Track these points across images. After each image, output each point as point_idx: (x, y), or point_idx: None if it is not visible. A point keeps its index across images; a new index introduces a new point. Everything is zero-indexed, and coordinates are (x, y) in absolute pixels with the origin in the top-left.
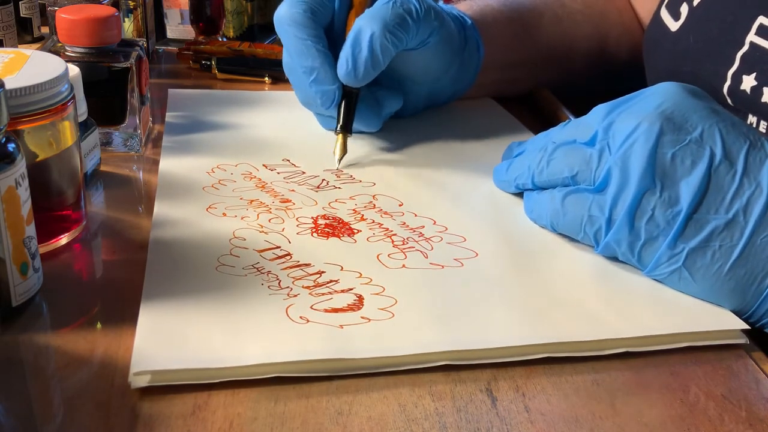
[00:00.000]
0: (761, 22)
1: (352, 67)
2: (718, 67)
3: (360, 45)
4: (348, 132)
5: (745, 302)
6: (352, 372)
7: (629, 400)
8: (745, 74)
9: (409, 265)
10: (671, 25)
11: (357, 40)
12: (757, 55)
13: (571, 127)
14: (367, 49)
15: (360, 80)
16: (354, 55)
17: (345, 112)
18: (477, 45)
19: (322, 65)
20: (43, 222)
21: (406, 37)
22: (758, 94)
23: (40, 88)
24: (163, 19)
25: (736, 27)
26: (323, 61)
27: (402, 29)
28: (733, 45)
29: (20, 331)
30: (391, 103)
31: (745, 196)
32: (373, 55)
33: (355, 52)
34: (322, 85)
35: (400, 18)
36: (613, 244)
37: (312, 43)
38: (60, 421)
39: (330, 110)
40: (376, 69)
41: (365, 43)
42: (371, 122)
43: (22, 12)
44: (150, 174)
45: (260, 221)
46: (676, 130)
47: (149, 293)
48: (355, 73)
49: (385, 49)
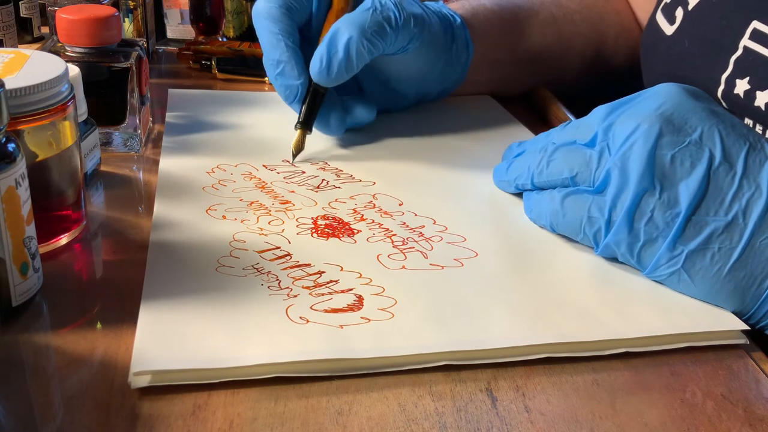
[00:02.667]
0: (755, 26)
1: (325, 66)
2: (712, 72)
3: (336, 47)
4: (307, 129)
5: (745, 304)
6: (352, 372)
7: (629, 400)
8: (739, 78)
9: (409, 266)
10: (666, 29)
11: (333, 41)
12: (750, 60)
13: (572, 128)
14: (343, 52)
15: (332, 80)
16: (329, 56)
17: (308, 109)
18: (466, 43)
19: (288, 60)
20: (43, 222)
21: (382, 44)
22: (751, 98)
23: (40, 88)
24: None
25: (729, 31)
26: (290, 56)
27: (379, 37)
28: (727, 49)
29: (20, 331)
30: (362, 114)
31: (745, 197)
32: (348, 59)
33: (330, 53)
34: (287, 80)
35: (378, 26)
36: (613, 245)
37: (282, 38)
38: (60, 421)
39: (293, 105)
40: (348, 72)
41: (341, 45)
42: (332, 127)
43: (22, 12)
44: (150, 174)
45: (260, 224)
46: (675, 132)
47: (149, 293)
48: (328, 72)
49: (360, 54)
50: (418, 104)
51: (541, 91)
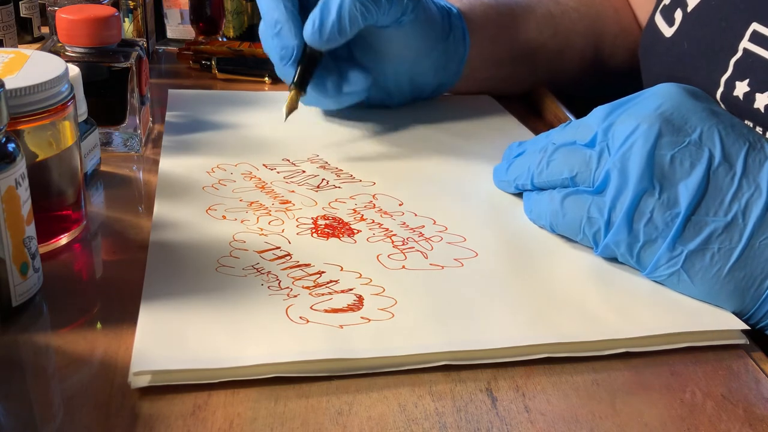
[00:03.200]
0: (754, 28)
1: (318, 28)
2: (711, 74)
3: (329, 8)
4: (302, 90)
5: (745, 304)
6: (352, 372)
7: (629, 400)
8: (738, 80)
9: (409, 266)
10: (666, 31)
11: (327, 4)
12: (750, 62)
13: (572, 128)
14: (336, 14)
15: (324, 43)
16: (322, 18)
17: (302, 69)
18: (463, 34)
19: (286, 21)
20: (43, 222)
21: (376, 10)
22: (751, 101)
23: (40, 88)
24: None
25: (729, 33)
26: (288, 18)
27: (373, 3)
28: (726, 51)
29: (20, 331)
30: (357, 80)
31: (744, 197)
32: (341, 21)
33: (323, 15)
34: (283, 40)
35: None
36: (612, 245)
37: (281, 0)
38: (60, 421)
39: (287, 67)
40: (342, 36)
41: (334, 7)
42: (328, 92)
43: (22, 12)
44: (150, 174)
45: (260, 224)
46: (675, 132)
47: (149, 293)
48: (320, 34)
49: (353, 17)
50: (415, 100)
51: (541, 91)
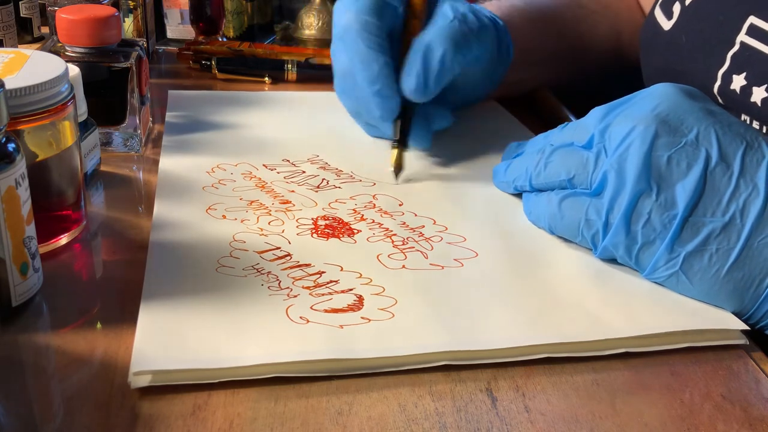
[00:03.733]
0: (751, 21)
1: (422, 83)
2: (709, 67)
3: (430, 62)
4: (405, 147)
5: (744, 304)
6: (352, 372)
7: (629, 400)
8: (735, 74)
9: (409, 266)
10: (664, 24)
11: (427, 57)
12: (747, 55)
13: (569, 130)
14: (438, 67)
15: (428, 97)
16: (425, 73)
17: (403, 126)
18: (508, 48)
19: (386, 78)
20: (43, 222)
21: (469, 54)
22: (747, 94)
23: (40, 88)
24: (163, 19)
25: (726, 26)
26: (388, 74)
27: (467, 47)
28: (723, 44)
29: (20, 331)
30: (441, 120)
31: (742, 197)
32: (442, 74)
33: (426, 69)
34: (386, 100)
35: (465, 36)
36: (611, 247)
37: (381, 54)
38: (60, 421)
39: (387, 123)
40: (441, 86)
41: (436, 61)
42: (423, 138)
43: (22, 12)
44: (150, 174)
45: (260, 224)
46: (671, 133)
47: (149, 293)
48: (425, 89)
49: (452, 67)
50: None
51: (542, 92)
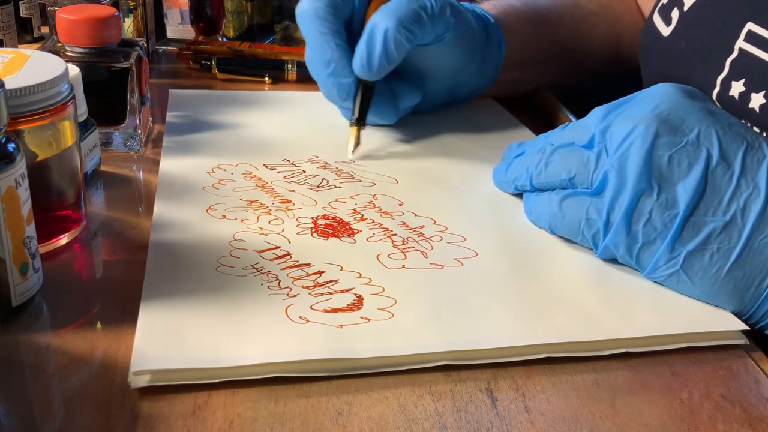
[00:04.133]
0: (750, 28)
1: (366, 61)
2: (708, 73)
3: (374, 40)
4: (362, 124)
5: (744, 304)
6: (351, 372)
7: (629, 400)
8: (734, 80)
9: (408, 266)
10: (663, 30)
11: (372, 35)
12: (745, 61)
13: (570, 130)
14: (381, 44)
15: (374, 74)
16: (369, 50)
17: (359, 104)
18: (499, 43)
19: (339, 59)
20: (43, 222)
21: (420, 32)
22: (746, 100)
23: (40, 88)
24: (163, 19)
25: (725, 33)
26: (341, 55)
27: (417, 25)
28: (722, 51)
29: (20, 331)
30: (409, 97)
31: (743, 197)
32: (387, 50)
33: (369, 47)
34: (339, 78)
35: (414, 14)
36: (612, 246)
37: (331, 37)
38: (60, 421)
39: (347, 102)
40: (390, 63)
41: (379, 38)
42: (387, 115)
43: (22, 12)
44: (150, 174)
45: (260, 224)
46: (672, 133)
47: (149, 293)
48: (369, 66)
49: (399, 44)
50: (449, 105)
51: (542, 92)
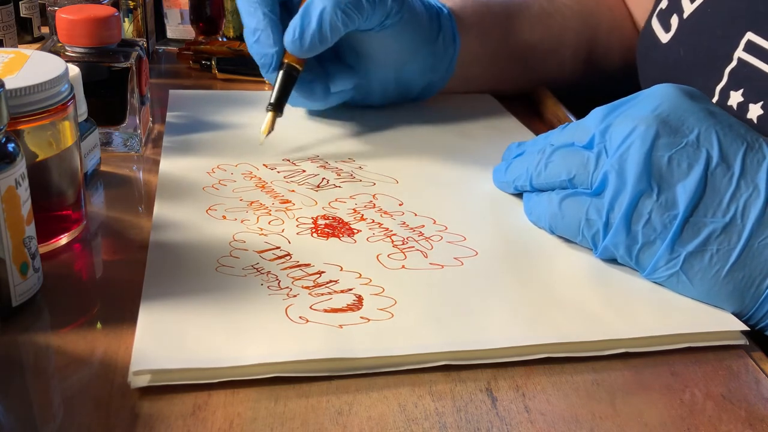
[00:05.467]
0: (749, 38)
1: (298, 36)
2: (707, 82)
3: (309, 17)
4: (279, 111)
5: (744, 305)
6: (351, 372)
7: (629, 400)
8: (733, 90)
9: (408, 266)
10: (662, 37)
11: (307, 11)
12: (744, 72)
13: (570, 130)
14: (316, 23)
15: (305, 51)
16: (302, 26)
17: (280, 89)
18: (453, 35)
19: (264, 28)
20: (43, 222)
21: (358, 17)
22: (744, 111)
23: (40, 88)
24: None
25: (724, 42)
26: (267, 25)
27: (355, 9)
28: (721, 60)
29: (20, 331)
30: (342, 80)
31: (743, 198)
32: (321, 30)
33: (303, 23)
34: (262, 48)
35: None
36: (611, 247)
37: (259, 6)
38: (60, 421)
39: (268, 75)
40: (322, 44)
41: (315, 16)
42: (316, 96)
43: (22, 12)
44: (150, 174)
45: (260, 224)
46: (672, 133)
47: (149, 293)
48: (301, 43)
49: (334, 25)
50: (403, 100)
51: (542, 91)
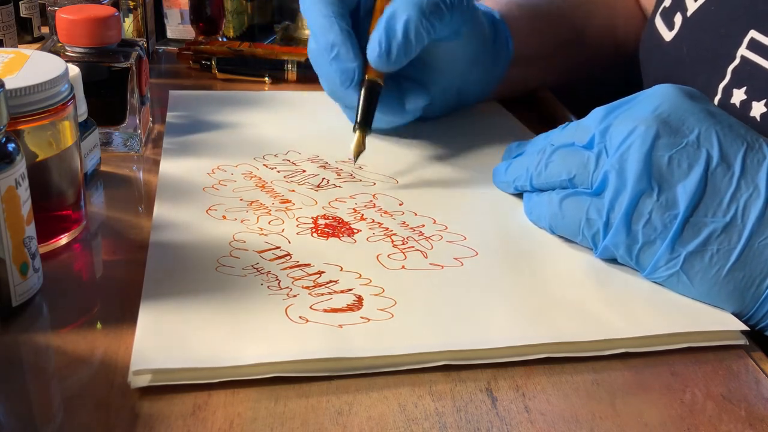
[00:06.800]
0: (752, 36)
1: (384, 50)
2: (710, 80)
3: (394, 29)
4: (366, 128)
5: (744, 305)
6: (351, 372)
7: (629, 400)
8: (736, 88)
9: (408, 266)
10: (665, 35)
11: (391, 23)
12: (747, 69)
13: (570, 130)
14: (402, 34)
15: (391, 65)
16: (388, 39)
17: (365, 107)
18: (506, 40)
19: (343, 42)
20: (43, 222)
21: (440, 24)
22: (747, 109)
23: (40, 88)
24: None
25: (727, 40)
26: (345, 39)
27: (437, 16)
28: (724, 58)
29: (20, 331)
30: (417, 97)
31: (743, 198)
32: (407, 41)
33: (388, 36)
34: (343, 63)
35: (434, 5)
36: (611, 247)
37: (335, 20)
38: (60, 421)
39: (349, 90)
40: (408, 55)
41: (399, 27)
42: (394, 115)
43: (22, 12)
44: (150, 174)
45: (260, 224)
46: (672, 133)
47: (149, 293)
48: (388, 57)
49: (419, 35)
50: (459, 108)
51: (542, 92)
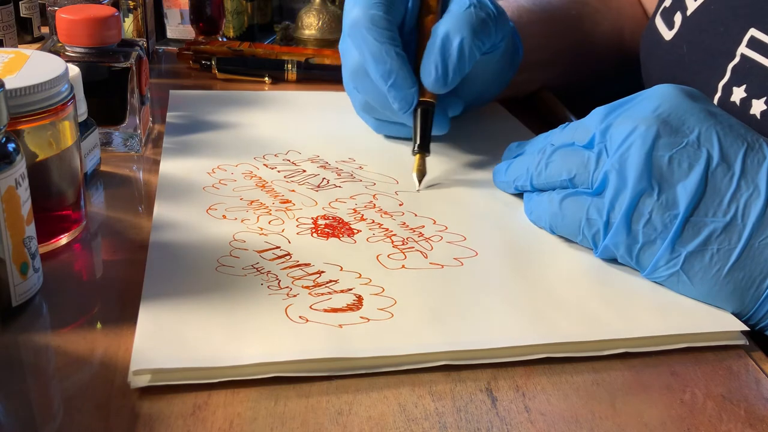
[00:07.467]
0: (752, 34)
1: (441, 74)
2: (709, 79)
3: (449, 51)
4: (426, 151)
5: (744, 305)
6: (351, 371)
7: (629, 400)
8: (736, 86)
9: (408, 266)
10: (665, 34)
11: (445, 46)
12: (747, 67)
13: (570, 130)
14: (457, 55)
15: (448, 87)
16: (444, 63)
17: (423, 129)
18: (517, 47)
19: (400, 69)
20: (43, 222)
21: (488, 41)
22: (747, 106)
23: (40, 88)
24: (163, 19)
25: (727, 38)
26: (401, 65)
27: (485, 33)
28: (724, 56)
29: (20, 331)
30: (455, 106)
31: (743, 198)
32: (461, 62)
33: (444, 59)
34: (401, 90)
35: (483, 23)
36: (612, 247)
37: (390, 46)
38: (60, 421)
39: (405, 116)
40: (462, 75)
41: (455, 48)
42: (440, 128)
43: (22, 12)
44: (150, 174)
45: (260, 224)
46: (672, 133)
47: (149, 293)
48: (445, 80)
49: (472, 54)
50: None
51: (542, 92)
